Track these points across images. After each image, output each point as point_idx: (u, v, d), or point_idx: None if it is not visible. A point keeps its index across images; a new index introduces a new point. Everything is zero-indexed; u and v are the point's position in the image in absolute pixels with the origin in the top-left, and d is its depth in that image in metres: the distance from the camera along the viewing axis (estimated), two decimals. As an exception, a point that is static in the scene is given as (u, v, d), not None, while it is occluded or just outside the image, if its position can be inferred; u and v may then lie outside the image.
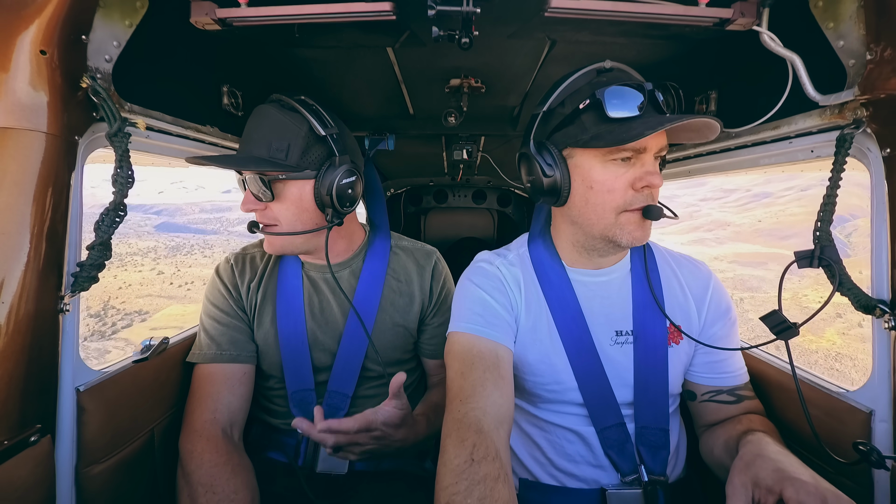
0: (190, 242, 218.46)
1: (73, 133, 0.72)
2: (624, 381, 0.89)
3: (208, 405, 0.96)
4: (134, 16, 0.78)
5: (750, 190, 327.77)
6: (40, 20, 0.64)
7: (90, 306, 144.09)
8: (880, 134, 0.71)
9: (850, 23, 0.71)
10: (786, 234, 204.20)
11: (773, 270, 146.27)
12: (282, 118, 0.92)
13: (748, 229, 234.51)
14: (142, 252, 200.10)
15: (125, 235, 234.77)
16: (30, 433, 0.67)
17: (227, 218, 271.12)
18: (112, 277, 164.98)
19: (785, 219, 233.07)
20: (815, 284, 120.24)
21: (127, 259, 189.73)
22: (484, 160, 2.13)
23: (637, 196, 0.79)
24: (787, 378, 0.92)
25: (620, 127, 0.75)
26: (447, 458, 0.66)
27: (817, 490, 0.58)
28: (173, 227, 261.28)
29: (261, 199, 0.94)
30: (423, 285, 1.14)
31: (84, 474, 0.78)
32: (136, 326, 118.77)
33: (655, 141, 0.78)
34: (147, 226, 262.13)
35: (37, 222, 0.67)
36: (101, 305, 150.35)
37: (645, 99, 0.76)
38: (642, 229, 0.82)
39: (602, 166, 0.79)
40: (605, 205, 0.80)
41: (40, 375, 0.70)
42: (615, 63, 0.82)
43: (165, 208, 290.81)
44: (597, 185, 0.80)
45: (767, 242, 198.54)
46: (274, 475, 1.03)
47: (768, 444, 0.72)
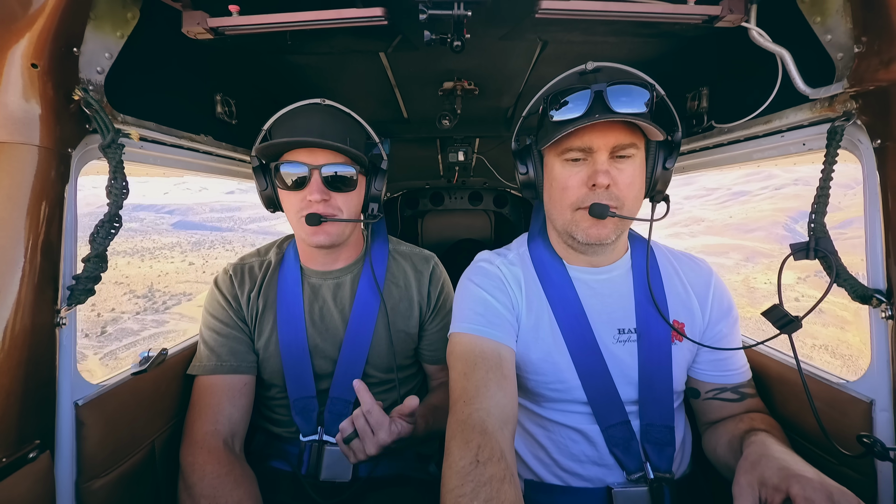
0: (209, 238, 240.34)
1: (66, 145, 0.72)
2: (628, 378, 0.88)
3: (209, 417, 0.96)
4: (125, 27, 0.77)
5: (730, 188, 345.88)
6: (31, 33, 0.64)
7: (135, 289, 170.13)
8: (870, 125, 0.72)
9: (837, 17, 0.72)
10: (751, 228, 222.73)
11: (733, 259, 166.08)
12: (351, 118, 1.03)
13: (720, 224, 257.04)
14: (168, 247, 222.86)
15: (146, 233, 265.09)
16: (29, 449, 0.66)
17: (238, 217, 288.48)
18: (148, 268, 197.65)
19: (753, 215, 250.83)
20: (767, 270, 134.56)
21: (157, 252, 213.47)
22: (479, 162, 2.14)
23: (590, 194, 0.81)
24: (787, 371, 0.93)
25: (562, 128, 0.79)
26: (452, 459, 0.66)
27: (823, 486, 0.59)
28: (190, 225, 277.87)
29: (341, 188, 0.99)
30: (422, 290, 1.14)
31: (84, 489, 0.77)
32: (184, 304, 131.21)
33: (603, 140, 0.79)
34: (164, 224, 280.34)
35: (31, 236, 0.66)
36: (146, 289, 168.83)
37: (589, 101, 0.78)
38: (597, 227, 0.83)
39: (561, 165, 0.85)
40: (563, 202, 0.85)
41: (38, 390, 0.69)
42: (602, 63, 0.83)
43: (177, 208, 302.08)
44: (556, 182, 0.86)
45: (734, 235, 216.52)
46: (278, 484, 1.03)
47: (773, 444, 0.73)
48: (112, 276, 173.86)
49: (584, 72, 0.83)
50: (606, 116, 0.75)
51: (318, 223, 0.96)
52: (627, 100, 0.77)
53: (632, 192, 0.82)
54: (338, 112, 1.02)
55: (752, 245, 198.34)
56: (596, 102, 0.78)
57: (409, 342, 1.13)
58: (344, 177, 0.98)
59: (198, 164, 1.09)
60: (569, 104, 0.80)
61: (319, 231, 0.98)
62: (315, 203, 0.96)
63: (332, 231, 1.00)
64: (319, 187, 0.96)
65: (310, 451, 1.04)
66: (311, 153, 0.96)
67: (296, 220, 1.00)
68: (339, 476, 1.03)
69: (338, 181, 0.98)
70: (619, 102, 0.77)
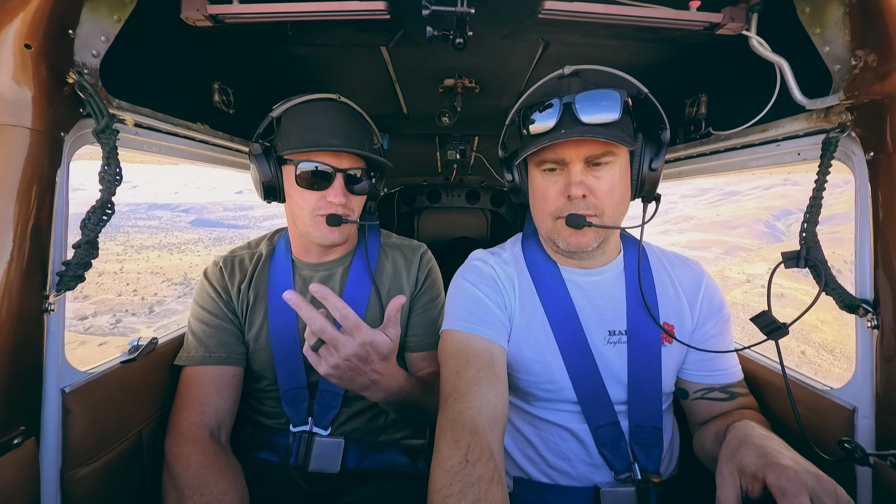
0: (228, 235, 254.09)
1: (58, 129, 0.70)
2: (618, 379, 0.89)
3: (195, 407, 0.95)
4: (122, 10, 0.76)
5: (723, 189, 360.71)
6: (25, 13, 0.62)
7: (171, 277, 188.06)
8: (864, 138, 0.73)
9: (835, 29, 0.72)
10: (735, 225, 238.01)
11: (714, 252, 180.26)
12: (364, 118, 1.06)
13: (707, 222, 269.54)
14: (191, 242, 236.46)
15: (167, 230, 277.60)
16: (13, 435, 0.66)
17: (252, 215, 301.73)
18: (178, 260, 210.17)
19: (740, 213, 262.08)
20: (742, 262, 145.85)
21: (183, 247, 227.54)
22: (477, 160, 2.14)
23: (568, 204, 0.82)
24: (773, 376, 0.94)
25: (533, 142, 0.81)
26: (441, 458, 0.66)
27: (797, 475, 0.59)
28: (207, 223, 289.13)
29: (357, 191, 1.02)
30: (410, 277, 1.15)
31: (69, 477, 0.77)
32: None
33: (575, 152, 0.80)
34: (182, 221, 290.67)
35: (20, 220, 0.65)
36: (182, 277, 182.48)
37: (559, 114, 0.79)
38: (577, 236, 0.83)
39: (540, 175, 0.86)
40: (544, 210, 0.87)
41: (24, 376, 0.68)
42: (581, 66, 0.83)
43: (192, 207, 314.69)
44: (536, 192, 0.88)
45: (718, 232, 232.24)
46: (265, 475, 1.02)
47: (753, 429, 0.73)
48: (147, 268, 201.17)
49: (562, 76, 0.83)
50: (572, 134, 0.76)
51: (339, 224, 0.98)
52: (597, 109, 0.78)
53: (612, 199, 0.82)
54: (354, 112, 1.04)
55: (734, 240, 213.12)
56: (565, 115, 0.79)
57: (402, 334, 1.13)
58: (361, 180, 1.03)
59: (193, 152, 1.08)
60: (539, 116, 0.81)
61: (336, 230, 1.00)
62: (336, 205, 0.98)
63: (346, 230, 1.04)
64: (343, 189, 0.98)
65: (299, 441, 1.04)
66: (337, 157, 0.97)
67: (310, 217, 1.00)
68: (327, 467, 1.03)
69: (355, 183, 1.02)
70: (589, 113, 0.77)
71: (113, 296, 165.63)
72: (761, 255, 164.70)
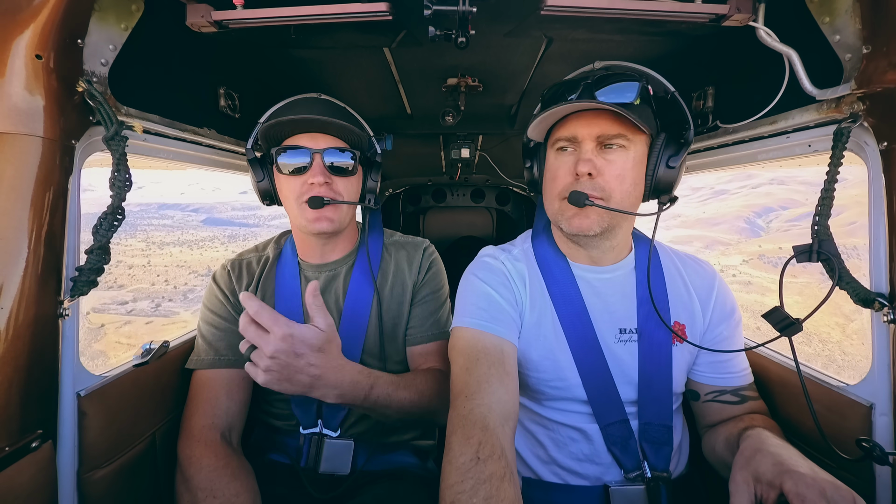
0: (241, 233, 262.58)
1: (69, 137, 0.72)
2: (628, 378, 0.88)
3: (206, 411, 0.96)
4: (129, 19, 0.77)
5: (713, 187, 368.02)
6: (35, 24, 0.63)
7: (196, 270, 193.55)
8: (877, 127, 0.71)
9: (845, 17, 0.71)
10: (717, 222, 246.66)
11: (695, 246, 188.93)
12: (347, 111, 1.09)
13: (692, 219, 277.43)
14: (207, 239, 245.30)
15: (181, 228, 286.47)
16: (31, 439, 0.67)
17: (260, 214, 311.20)
18: (199, 255, 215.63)
19: (724, 210, 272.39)
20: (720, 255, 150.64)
21: (201, 244, 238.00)
22: (482, 159, 2.13)
23: (574, 183, 0.82)
24: (787, 373, 0.92)
25: (544, 112, 0.82)
26: (452, 455, 0.66)
27: (815, 482, 0.58)
28: (219, 222, 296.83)
29: (341, 173, 1.01)
30: (413, 271, 1.15)
31: (86, 479, 0.78)
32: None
33: (587, 129, 0.80)
34: (194, 220, 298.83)
35: (35, 227, 0.67)
36: (206, 270, 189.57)
37: (577, 92, 0.81)
38: (580, 217, 0.82)
39: (553, 156, 0.87)
40: (553, 192, 0.86)
41: (41, 381, 0.70)
42: (611, 62, 0.83)
43: (201, 206, 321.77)
44: (548, 173, 0.88)
45: (702, 228, 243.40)
46: (276, 477, 1.03)
47: (768, 438, 0.72)
48: (172, 262, 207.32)
49: (592, 70, 0.85)
50: (585, 102, 0.77)
51: (321, 206, 0.97)
52: (614, 90, 0.79)
53: (622, 185, 0.81)
54: (335, 104, 1.07)
55: (714, 236, 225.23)
56: (584, 93, 0.80)
57: (404, 328, 1.13)
58: (344, 161, 1.01)
59: (201, 157, 1.09)
60: (559, 93, 0.83)
61: (321, 217, 0.99)
62: (318, 186, 0.97)
63: (334, 217, 1.01)
64: (322, 170, 0.98)
65: (309, 443, 1.05)
66: (313, 138, 0.98)
67: (297, 206, 1.00)
68: (337, 469, 1.03)
69: (338, 165, 1.00)
70: (605, 93, 0.78)
71: (147, 285, 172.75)
72: (738, 248, 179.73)
